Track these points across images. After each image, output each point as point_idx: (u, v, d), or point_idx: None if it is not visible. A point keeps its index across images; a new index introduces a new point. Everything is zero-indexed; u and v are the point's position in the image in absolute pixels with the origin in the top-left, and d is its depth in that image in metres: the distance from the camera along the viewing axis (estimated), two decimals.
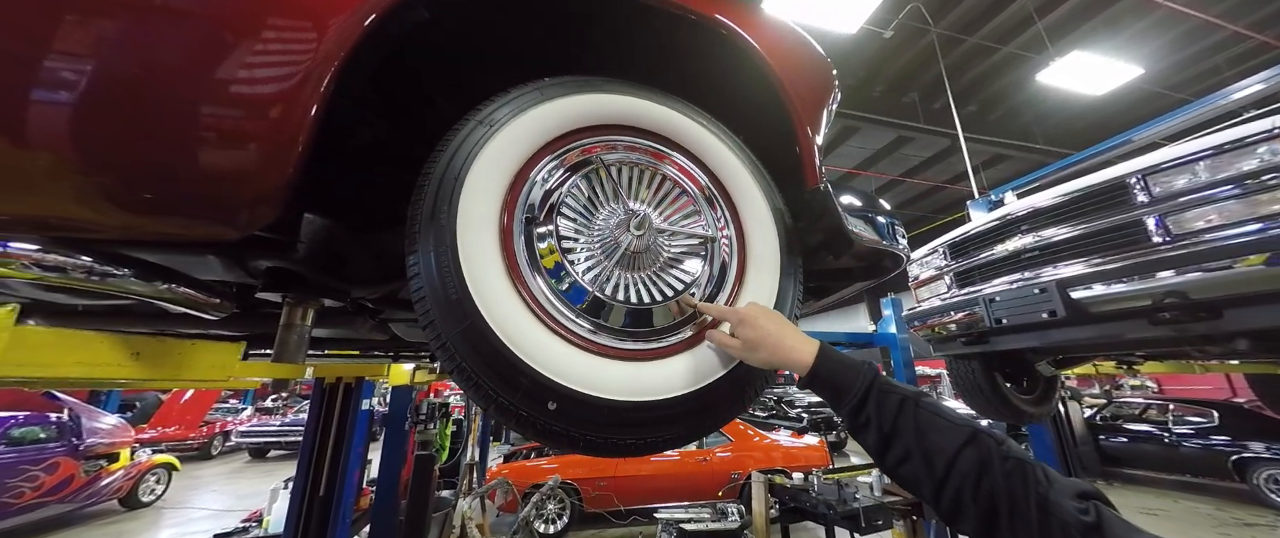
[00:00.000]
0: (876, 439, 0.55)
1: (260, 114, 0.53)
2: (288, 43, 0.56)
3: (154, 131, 0.50)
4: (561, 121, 0.73)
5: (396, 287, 0.96)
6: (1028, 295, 2.13)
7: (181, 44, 0.51)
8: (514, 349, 0.57)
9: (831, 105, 0.97)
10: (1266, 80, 5.10)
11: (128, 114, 0.49)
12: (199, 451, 10.46)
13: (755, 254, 0.76)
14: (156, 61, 0.50)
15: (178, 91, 0.50)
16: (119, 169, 0.49)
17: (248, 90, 0.53)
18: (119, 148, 0.49)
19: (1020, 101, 8.29)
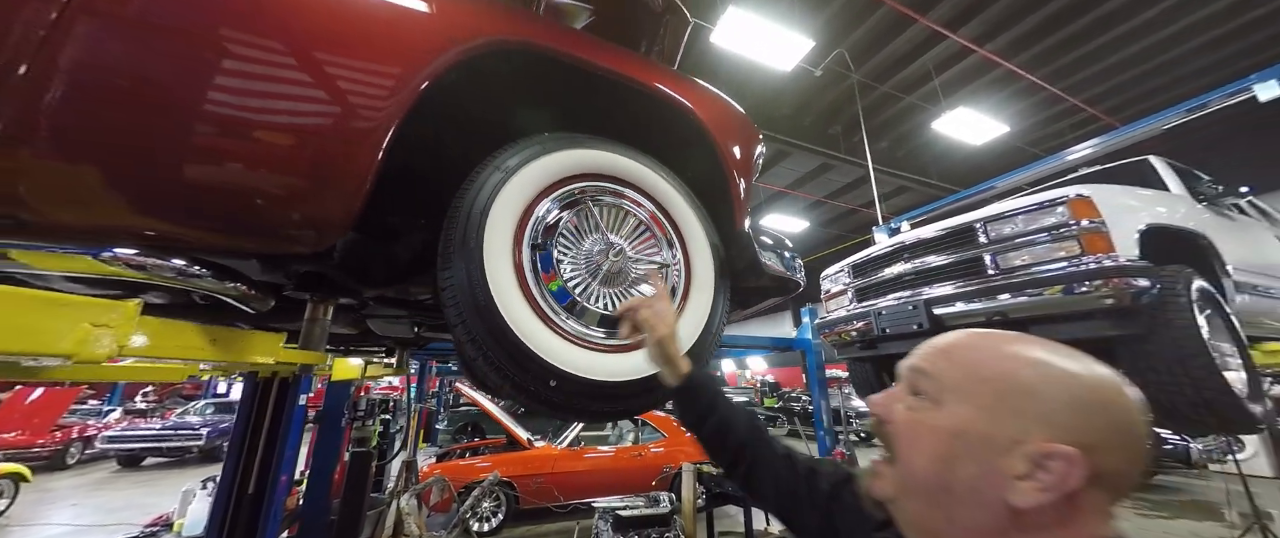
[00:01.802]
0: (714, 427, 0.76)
1: (346, 161, 0.71)
2: (367, 105, 0.74)
3: (277, 175, 0.66)
4: (559, 170, 0.95)
5: (400, 287, 1.11)
6: (905, 310, 2.66)
7: (306, 111, 0.68)
8: (526, 342, 0.79)
9: (758, 162, 1.28)
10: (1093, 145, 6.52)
11: (263, 162, 0.65)
12: (50, 460, 8.88)
13: (697, 277, 1.04)
14: (289, 123, 0.66)
15: (305, 145, 0.67)
16: (250, 202, 0.65)
17: (340, 144, 0.70)
18: (250, 187, 0.65)
19: (920, 143, 9.64)
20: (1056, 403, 0.40)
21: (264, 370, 2.59)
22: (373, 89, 0.74)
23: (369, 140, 0.73)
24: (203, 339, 0.70)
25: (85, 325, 0.55)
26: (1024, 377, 0.41)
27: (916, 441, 0.44)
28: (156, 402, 14.73)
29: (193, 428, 9.50)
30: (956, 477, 0.41)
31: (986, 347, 0.45)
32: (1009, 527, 0.40)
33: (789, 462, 0.70)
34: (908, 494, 0.45)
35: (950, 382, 0.44)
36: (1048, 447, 0.38)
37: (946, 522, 0.42)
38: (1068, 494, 0.38)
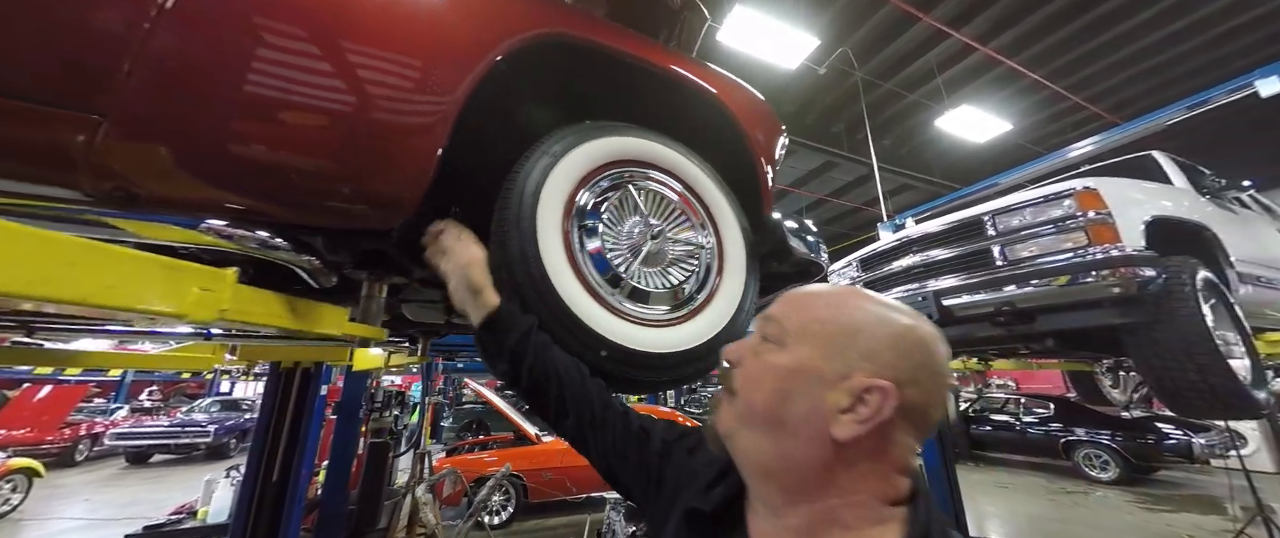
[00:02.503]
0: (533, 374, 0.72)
1: (420, 147, 0.76)
2: (438, 96, 0.79)
3: (360, 157, 0.72)
4: (601, 155, 1.01)
5: None
6: (914, 302, 2.71)
7: (385, 102, 0.73)
8: (578, 314, 0.85)
9: (782, 152, 1.34)
10: (1095, 142, 6.58)
11: (348, 145, 0.70)
12: (59, 456, 8.94)
13: (730, 260, 1.09)
14: (369, 112, 0.72)
15: (383, 133, 0.73)
16: (333, 181, 0.71)
17: (414, 130, 0.76)
18: (350, 167, 0.70)
19: (923, 141, 9.68)
20: (878, 343, 0.45)
21: (287, 361, 2.65)
22: (443, 79, 0.79)
23: (438, 127, 0.78)
24: (284, 308, 0.76)
25: (195, 289, 0.60)
26: (853, 320, 0.46)
27: (760, 379, 0.48)
28: (161, 400, 14.81)
29: (200, 425, 9.56)
30: (790, 410, 0.45)
31: (826, 295, 0.50)
32: (832, 459, 0.44)
33: (625, 420, 0.70)
34: (745, 428, 0.48)
35: (792, 326, 0.48)
36: (868, 381, 0.43)
37: (779, 455, 0.46)
38: (881, 426, 0.42)
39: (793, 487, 0.45)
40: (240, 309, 0.66)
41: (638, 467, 0.65)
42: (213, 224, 0.71)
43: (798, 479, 0.45)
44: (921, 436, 0.46)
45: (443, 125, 0.79)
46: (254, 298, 0.70)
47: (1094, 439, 6.98)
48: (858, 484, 0.44)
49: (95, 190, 0.62)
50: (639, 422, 0.70)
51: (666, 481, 0.62)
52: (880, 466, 0.44)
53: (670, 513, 0.57)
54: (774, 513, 0.47)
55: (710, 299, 1.03)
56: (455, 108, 0.80)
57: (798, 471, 0.45)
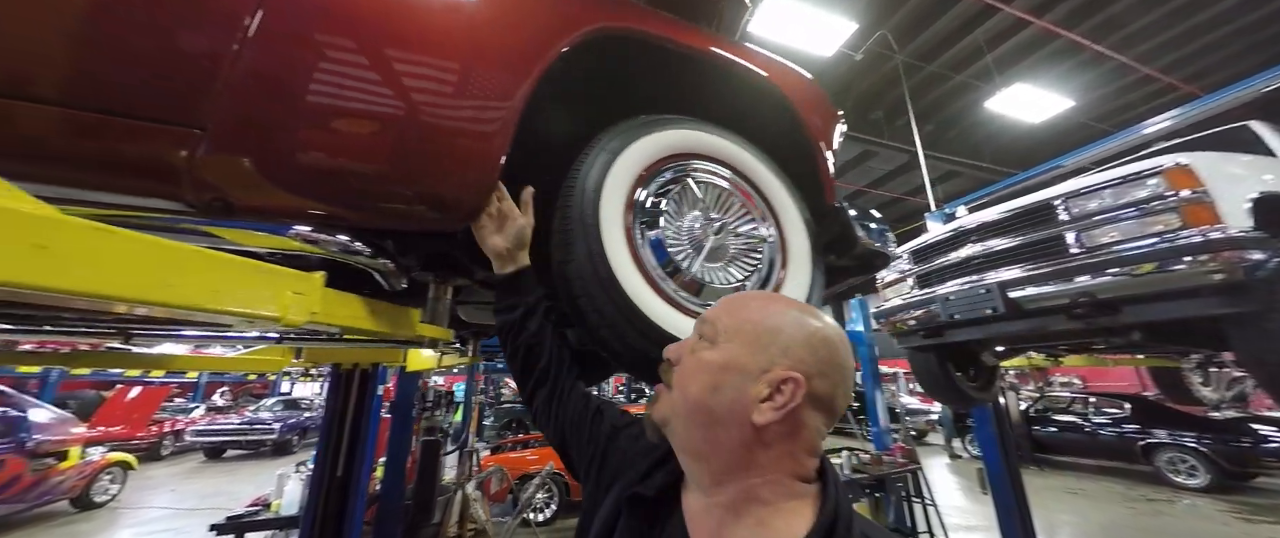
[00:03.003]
0: (532, 334, 0.80)
1: (485, 152, 0.77)
2: (500, 101, 0.79)
3: (438, 164, 0.73)
4: (658, 150, 0.98)
5: None
6: (975, 295, 2.54)
7: (452, 111, 0.75)
8: (646, 312, 0.83)
9: (840, 138, 1.28)
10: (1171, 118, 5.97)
11: (433, 154, 0.72)
12: (147, 451, 9.84)
13: (794, 252, 1.04)
14: (439, 121, 0.73)
15: (451, 139, 0.74)
16: (417, 186, 0.72)
17: (483, 135, 0.77)
18: (424, 173, 0.72)
19: (971, 124, 9.12)
20: (794, 341, 0.51)
21: (347, 362, 2.79)
22: (506, 85, 0.80)
23: (502, 131, 0.79)
24: (365, 310, 0.78)
25: (288, 293, 0.62)
26: (776, 321, 0.53)
27: (695, 374, 0.54)
28: (232, 399, 16.03)
29: (266, 423, 10.27)
30: (719, 401, 0.51)
31: (755, 299, 0.59)
32: (753, 442, 0.50)
33: (586, 400, 0.77)
34: (679, 418, 0.54)
35: (724, 326, 0.55)
36: (783, 373, 0.49)
37: (708, 440, 0.52)
38: (794, 412, 0.49)
39: (719, 468, 0.51)
40: (327, 311, 0.69)
41: (588, 444, 0.72)
42: (299, 230, 0.73)
43: (724, 462, 0.51)
44: (830, 420, 0.52)
45: (506, 129, 0.79)
46: (339, 301, 0.73)
47: (1178, 442, 6.36)
48: (774, 465, 0.50)
49: (197, 201, 0.65)
50: (596, 403, 0.77)
51: (609, 462, 0.68)
52: (793, 448, 0.50)
53: (607, 493, 0.63)
54: (704, 492, 0.53)
55: (776, 292, 0.99)
56: (516, 112, 0.81)
57: (724, 454, 0.51)
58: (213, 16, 0.66)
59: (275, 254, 0.84)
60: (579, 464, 0.72)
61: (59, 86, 0.60)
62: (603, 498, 0.63)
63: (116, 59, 0.61)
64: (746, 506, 0.49)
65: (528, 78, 0.83)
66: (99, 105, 0.60)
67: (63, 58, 0.61)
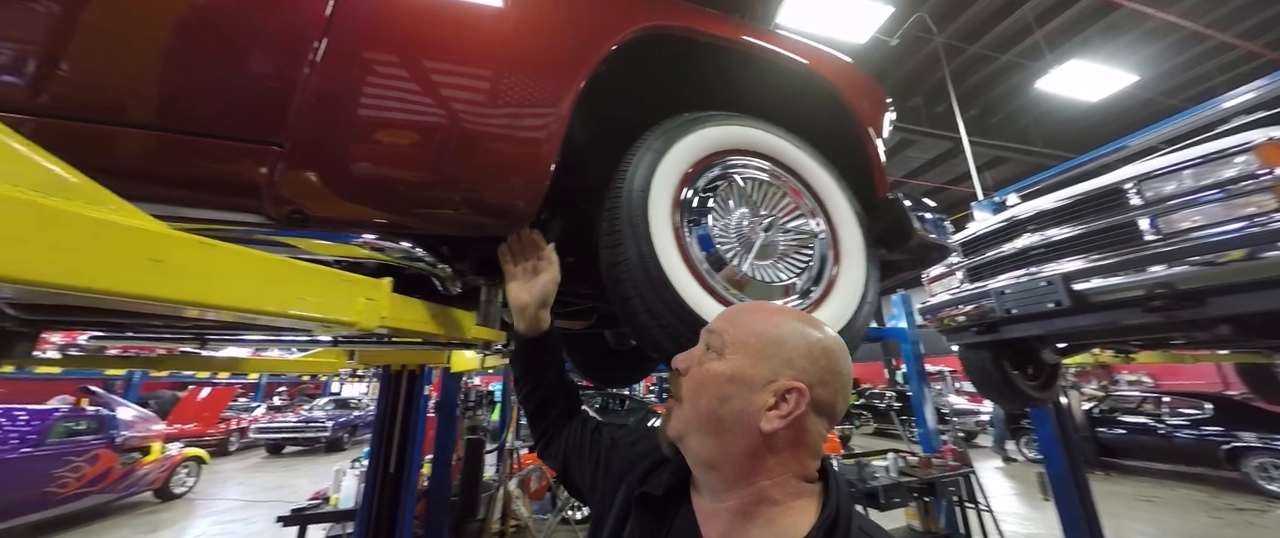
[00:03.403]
0: (549, 387, 0.84)
1: (537, 158, 0.79)
2: (549, 107, 0.81)
3: (496, 170, 0.76)
4: (703, 147, 0.97)
5: None
6: (1035, 288, 2.38)
7: (506, 122, 0.77)
8: (697, 310, 0.82)
9: (889, 126, 1.22)
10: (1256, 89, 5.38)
11: (489, 162, 0.75)
12: (216, 447, 10.64)
13: (846, 247, 1.01)
14: (493, 132, 0.75)
15: (505, 148, 0.76)
16: (477, 193, 0.75)
17: (535, 144, 0.79)
18: (480, 181, 0.75)
19: (1019, 106, 8.58)
20: (796, 352, 0.54)
21: (396, 364, 2.93)
22: (555, 91, 0.82)
23: (552, 138, 0.81)
24: (427, 314, 0.81)
25: (361, 299, 0.65)
26: (779, 332, 0.55)
27: (703, 386, 0.56)
28: (288, 399, 17.12)
29: (320, 422, 10.90)
30: (728, 411, 0.53)
31: (759, 310, 0.60)
32: (761, 449, 0.52)
33: (584, 421, 0.82)
34: (692, 431, 0.56)
35: (730, 338, 0.57)
36: (787, 383, 0.52)
37: (720, 450, 0.54)
38: (798, 419, 0.52)
39: (731, 475, 0.54)
40: (395, 316, 0.72)
41: (590, 458, 0.76)
42: (366, 238, 0.77)
43: (734, 469, 0.53)
44: (830, 425, 0.55)
45: (556, 134, 0.81)
46: (404, 306, 0.76)
47: (1271, 446, 5.75)
48: (781, 468, 0.53)
49: (276, 214, 0.70)
50: (594, 422, 0.82)
51: (612, 469, 0.72)
52: (798, 452, 0.53)
53: (613, 496, 0.66)
54: (715, 497, 0.55)
55: (829, 291, 0.96)
56: (564, 117, 0.82)
57: (734, 461, 0.53)
58: (285, 44, 0.70)
59: (342, 261, 0.89)
60: (583, 482, 0.76)
61: (155, 112, 0.66)
62: (609, 504, 0.66)
63: (205, 85, 0.67)
64: (757, 507, 0.52)
65: (575, 83, 0.85)
66: (192, 128, 0.65)
67: (158, 85, 0.66)
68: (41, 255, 0.38)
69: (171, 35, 0.66)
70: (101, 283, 0.41)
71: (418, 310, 0.80)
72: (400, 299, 0.75)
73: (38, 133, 0.60)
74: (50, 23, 0.62)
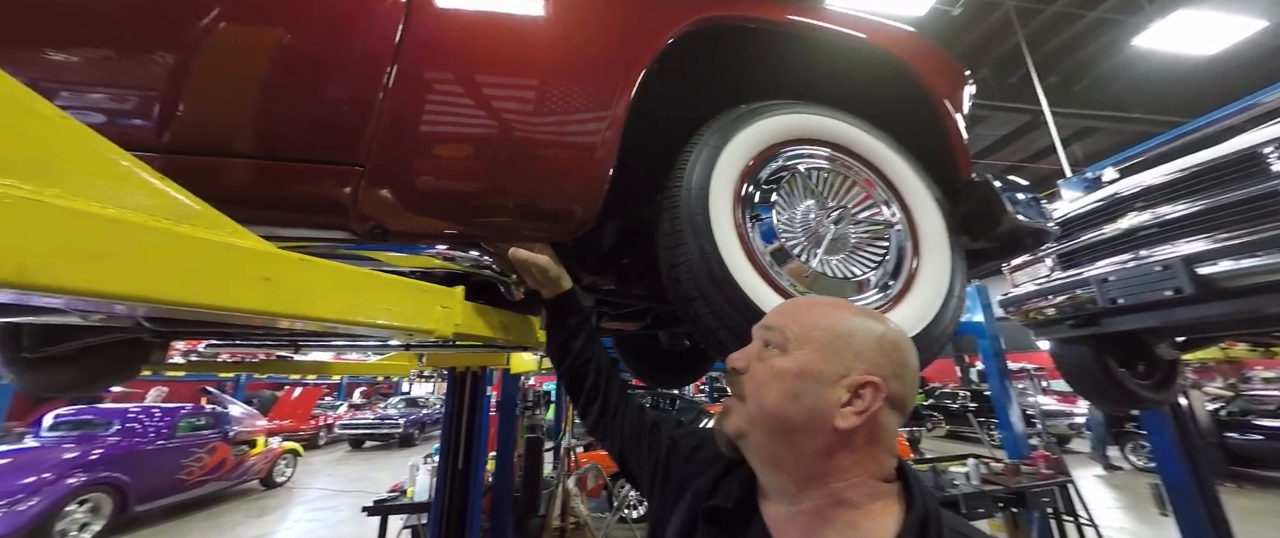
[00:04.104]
0: (579, 354, 0.83)
1: (596, 165, 0.80)
2: (605, 112, 0.81)
3: (558, 180, 0.79)
4: (763, 138, 0.93)
5: (602, 275, 1.21)
6: (1147, 274, 2.09)
7: (567, 133, 0.80)
8: (763, 309, 0.78)
9: (969, 100, 1.11)
10: None
11: (548, 170, 0.77)
12: (308, 441, 11.80)
13: (926, 236, 0.93)
14: (557, 142, 0.78)
15: (566, 157, 0.78)
16: (541, 201, 0.77)
17: (592, 154, 0.79)
18: (544, 190, 0.77)
19: (1110, 69, 7.58)
20: (866, 345, 0.52)
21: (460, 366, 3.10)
22: (610, 100, 0.83)
23: (609, 144, 0.81)
24: (496, 320, 0.84)
25: (437, 307, 0.68)
26: (846, 325, 0.54)
27: (768, 382, 0.53)
28: (366, 398, 18.67)
29: (393, 419, 11.79)
30: (799, 408, 0.51)
31: (818, 304, 0.59)
32: (835, 446, 0.50)
33: (641, 414, 0.79)
34: (756, 428, 0.54)
35: (794, 332, 0.54)
36: (861, 377, 0.50)
37: (789, 448, 0.52)
38: (874, 415, 0.49)
39: (803, 475, 0.51)
40: (468, 323, 0.74)
41: (649, 457, 0.73)
42: (438, 249, 0.80)
43: (807, 468, 0.51)
44: (902, 421, 0.53)
45: (613, 139, 0.81)
46: (476, 313, 0.78)
47: None
48: (857, 467, 0.50)
49: (361, 230, 0.75)
50: (652, 417, 0.79)
51: (673, 473, 0.69)
52: (874, 449, 0.51)
53: (675, 504, 0.63)
54: (787, 500, 0.53)
55: (910, 285, 0.88)
56: (619, 122, 0.82)
57: (807, 460, 0.51)
58: (361, 73, 0.77)
59: (417, 272, 0.93)
60: (641, 478, 0.74)
61: (255, 142, 0.72)
62: (670, 511, 0.64)
63: (295, 115, 0.73)
64: (834, 510, 0.50)
65: (629, 84, 0.84)
66: (286, 155, 0.71)
67: (257, 118, 0.73)
68: (178, 279, 0.43)
69: (266, 73, 0.73)
70: (224, 300, 0.46)
71: (488, 317, 0.83)
72: (472, 307, 0.78)
73: (165, 168, 0.68)
74: (172, 72, 0.70)
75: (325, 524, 5.89)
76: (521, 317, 0.95)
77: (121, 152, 0.43)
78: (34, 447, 5.34)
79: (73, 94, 0.67)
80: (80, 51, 0.67)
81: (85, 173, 0.40)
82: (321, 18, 0.76)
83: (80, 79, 0.67)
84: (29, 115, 0.38)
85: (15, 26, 0.68)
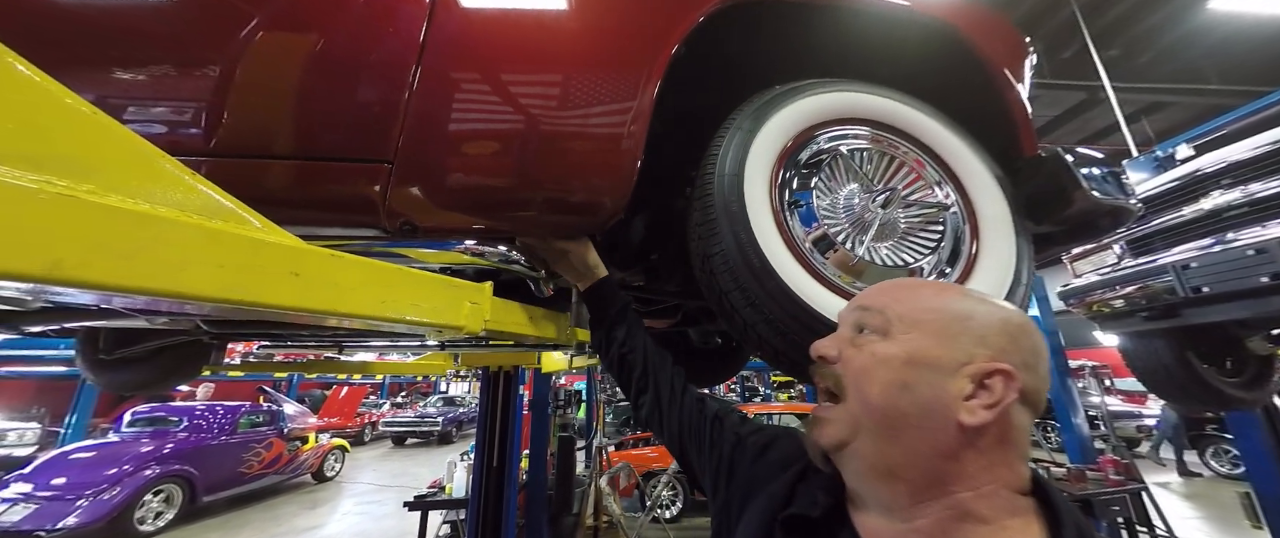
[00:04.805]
0: (624, 343, 0.80)
1: (623, 151, 0.76)
2: (631, 101, 0.78)
3: (584, 171, 0.77)
4: (799, 119, 0.87)
5: (633, 270, 1.18)
6: (1238, 259, 1.87)
7: (593, 124, 0.78)
8: (806, 300, 0.73)
9: (1031, 70, 1.01)
10: None
11: (574, 162, 0.76)
12: (354, 437, 12.41)
13: (986, 218, 0.84)
14: (583, 134, 0.77)
15: (594, 148, 0.77)
16: (568, 193, 0.76)
17: (618, 143, 0.76)
18: (567, 184, 0.76)
19: (1180, 37, 6.91)
20: (989, 327, 0.45)
21: (494, 366, 3.16)
22: (636, 88, 0.80)
23: (637, 133, 0.78)
24: (525, 316, 0.83)
25: (466, 303, 0.67)
26: (962, 306, 0.47)
27: (870, 373, 0.46)
28: (407, 397, 19.47)
29: (432, 417, 12.23)
30: (912, 402, 0.43)
31: (921, 284, 0.55)
32: (959, 447, 0.42)
33: (701, 406, 0.72)
34: (862, 432, 0.46)
35: (898, 314, 0.47)
36: (990, 365, 0.43)
37: (903, 452, 0.44)
38: (1006, 410, 0.42)
39: (920, 484, 0.43)
40: (497, 319, 0.73)
41: (711, 454, 0.67)
42: (468, 244, 0.79)
43: (925, 475, 0.43)
44: (1033, 418, 0.45)
45: (640, 132, 0.78)
46: (505, 309, 0.77)
47: None
48: (987, 474, 0.42)
49: (391, 227, 0.74)
50: (714, 409, 0.72)
51: (738, 474, 0.63)
52: (1007, 453, 0.43)
53: (743, 509, 0.58)
54: (896, 515, 0.45)
55: (969, 272, 0.80)
56: (646, 113, 0.79)
57: (924, 466, 0.43)
58: (387, 71, 0.77)
59: (447, 269, 0.93)
60: (702, 475, 0.68)
61: (287, 143, 0.73)
62: (736, 516, 0.58)
63: (324, 114, 0.73)
64: (959, 526, 0.42)
65: (657, 74, 0.81)
66: (317, 154, 0.72)
67: (288, 119, 0.74)
68: (208, 274, 0.42)
69: (295, 74, 0.74)
70: (253, 295, 0.45)
71: (516, 313, 0.81)
72: (500, 303, 0.76)
73: (208, 173, 0.70)
74: (214, 82, 0.72)
75: (372, 518, 6.15)
76: (551, 313, 0.93)
77: (154, 148, 0.43)
78: (115, 441, 5.84)
79: (116, 104, 0.70)
80: (126, 67, 0.70)
81: (118, 169, 0.40)
82: (347, 17, 0.77)
83: (122, 91, 0.70)
84: (63, 112, 0.38)
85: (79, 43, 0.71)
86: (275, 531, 5.77)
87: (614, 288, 0.85)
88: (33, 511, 4.60)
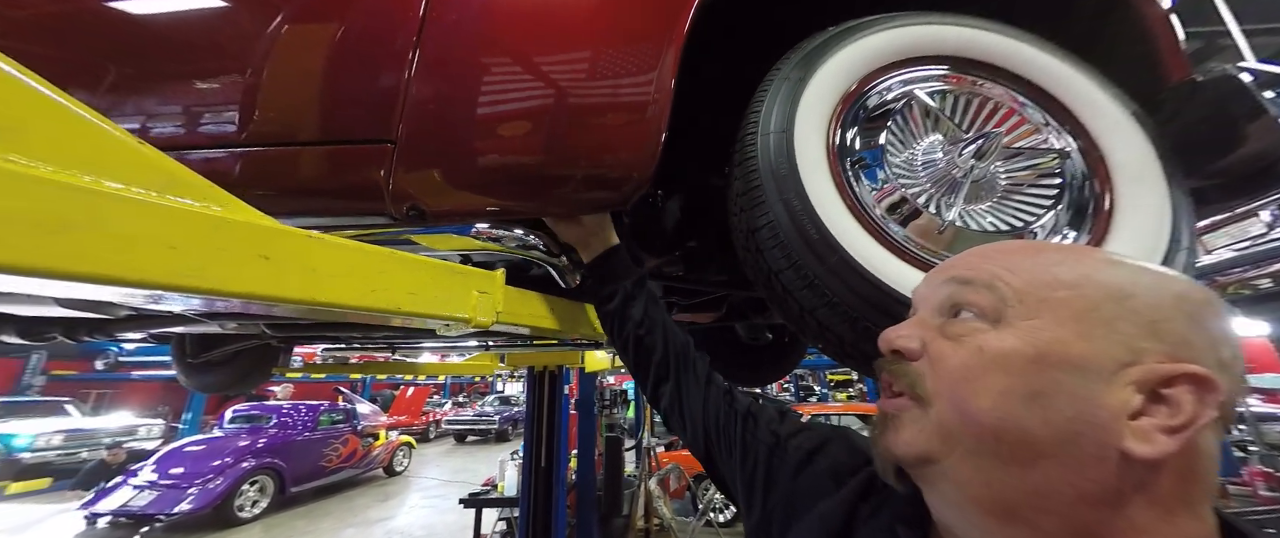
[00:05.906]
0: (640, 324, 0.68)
1: (645, 122, 0.67)
2: (651, 72, 0.68)
3: (610, 147, 0.69)
4: (861, 63, 0.72)
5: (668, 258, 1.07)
6: None
7: (611, 95, 0.69)
8: (880, 277, 0.58)
9: None
10: None
11: (601, 138, 0.68)
12: (420, 435, 13.21)
13: (1121, 166, 0.65)
14: (602, 106, 0.69)
15: (613, 119, 0.69)
16: (585, 170, 0.68)
17: (639, 111, 0.67)
18: (595, 160, 0.69)
19: None
20: (1159, 308, 0.30)
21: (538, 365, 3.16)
22: (657, 56, 0.70)
23: (660, 101, 0.68)
24: (545, 307, 0.75)
25: (474, 292, 0.59)
26: (1115, 279, 0.32)
27: (975, 378, 0.32)
28: (466, 397, 20.53)
29: (490, 416, 12.78)
30: (1044, 421, 0.30)
31: (1043, 245, 0.45)
32: (1125, 488, 0.29)
33: (730, 399, 0.62)
34: (960, 450, 0.32)
35: (1016, 289, 0.33)
36: (1171, 367, 0.29)
37: (1029, 489, 0.30)
38: (1195, 434, 0.28)
39: (1055, 534, 0.30)
40: (510, 310, 0.65)
41: (743, 458, 0.56)
42: (480, 228, 0.72)
43: (1066, 524, 0.30)
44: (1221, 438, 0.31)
45: (664, 95, 0.67)
46: (520, 299, 0.70)
47: None
48: (1160, 526, 0.29)
49: (398, 213, 0.69)
50: (746, 404, 0.61)
51: (778, 484, 0.52)
52: (1190, 491, 0.29)
53: (785, 528, 0.48)
54: None
55: (1105, 234, 0.62)
56: (671, 73, 0.69)
57: (1066, 510, 0.30)
58: (386, 50, 0.72)
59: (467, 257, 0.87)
60: (732, 483, 0.58)
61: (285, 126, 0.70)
62: (777, 533, 0.49)
63: (318, 94, 0.69)
64: None
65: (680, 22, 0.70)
66: (316, 136, 0.68)
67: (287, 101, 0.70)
68: (157, 257, 0.36)
69: (287, 53, 0.70)
70: (212, 282, 0.39)
71: (534, 304, 0.73)
72: (515, 292, 0.68)
73: (201, 165, 0.67)
74: (197, 66, 0.69)
75: (437, 511, 6.48)
76: (575, 304, 0.84)
77: (100, 116, 0.38)
78: (219, 436, 6.57)
79: (112, 99, 0.69)
80: (108, 57, 0.69)
81: (53, 138, 0.35)
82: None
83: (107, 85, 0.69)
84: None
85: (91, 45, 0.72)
86: (352, 521, 6.22)
87: (626, 259, 0.74)
88: (155, 496, 5.26)
